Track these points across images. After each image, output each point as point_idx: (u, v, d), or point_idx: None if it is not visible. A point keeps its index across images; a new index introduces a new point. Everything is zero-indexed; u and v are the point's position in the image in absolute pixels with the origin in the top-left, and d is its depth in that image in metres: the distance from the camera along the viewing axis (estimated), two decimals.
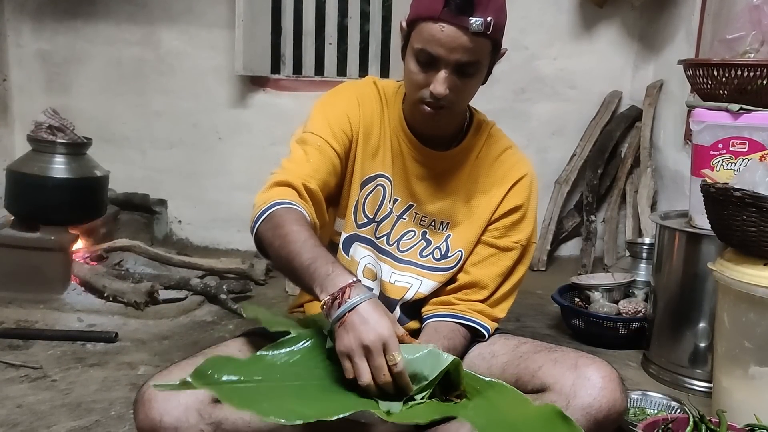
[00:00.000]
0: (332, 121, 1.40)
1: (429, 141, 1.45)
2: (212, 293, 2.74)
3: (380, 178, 1.45)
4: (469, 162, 1.47)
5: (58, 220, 2.72)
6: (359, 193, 1.44)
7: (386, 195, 1.45)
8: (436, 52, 1.25)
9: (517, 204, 1.46)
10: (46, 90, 3.60)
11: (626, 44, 3.56)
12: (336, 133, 1.39)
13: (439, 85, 1.27)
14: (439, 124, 1.39)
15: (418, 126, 1.43)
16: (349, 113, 1.42)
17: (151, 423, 1.15)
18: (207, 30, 3.50)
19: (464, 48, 1.24)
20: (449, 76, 1.27)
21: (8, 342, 2.28)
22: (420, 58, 1.28)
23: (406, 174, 1.45)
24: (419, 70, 1.30)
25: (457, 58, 1.25)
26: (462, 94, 1.33)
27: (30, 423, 1.78)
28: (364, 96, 1.45)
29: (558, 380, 1.23)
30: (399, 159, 1.45)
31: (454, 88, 1.29)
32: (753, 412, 1.64)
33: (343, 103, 1.43)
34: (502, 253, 1.46)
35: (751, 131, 2.00)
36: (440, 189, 1.46)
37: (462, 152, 1.47)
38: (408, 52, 1.32)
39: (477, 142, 1.48)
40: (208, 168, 3.62)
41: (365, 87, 1.48)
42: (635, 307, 2.48)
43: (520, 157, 1.51)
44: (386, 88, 1.48)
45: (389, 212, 1.45)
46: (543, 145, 3.61)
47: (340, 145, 1.39)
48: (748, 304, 1.71)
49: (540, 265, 3.48)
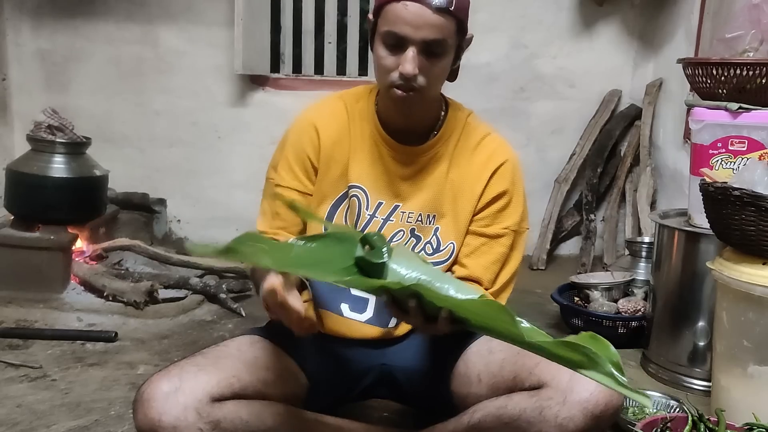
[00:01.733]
0: (294, 163, 1.47)
1: (406, 137, 1.45)
2: (212, 292, 2.74)
3: (352, 190, 1.46)
4: (448, 151, 1.47)
5: (57, 219, 2.72)
6: (334, 217, 1.47)
7: (362, 204, 1.46)
8: (402, 32, 1.27)
9: (502, 190, 1.46)
10: (46, 89, 3.60)
11: (626, 43, 3.56)
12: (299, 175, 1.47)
13: (408, 65, 1.28)
14: (412, 110, 1.39)
15: (393, 117, 1.44)
16: (307, 150, 1.47)
17: (150, 422, 1.16)
18: (206, 28, 3.50)
19: (429, 25, 1.27)
20: (417, 56, 1.29)
21: (8, 341, 2.28)
22: (387, 41, 1.30)
23: (389, 176, 1.46)
24: (387, 53, 1.31)
25: (423, 35, 1.27)
26: (430, 75, 1.33)
27: (29, 422, 1.78)
28: (323, 119, 1.48)
29: (555, 376, 1.24)
30: (379, 163, 1.46)
31: (422, 68, 1.30)
32: (752, 410, 1.64)
33: (300, 141, 1.47)
34: (493, 241, 1.46)
35: (750, 130, 2.00)
36: (423, 183, 1.46)
37: (439, 142, 1.47)
38: (376, 40, 1.34)
39: (454, 132, 1.48)
40: (207, 167, 3.62)
41: (326, 108, 1.50)
42: (634, 306, 2.49)
43: (500, 142, 1.50)
44: (355, 98, 1.50)
45: (369, 219, 1.46)
46: (542, 144, 3.61)
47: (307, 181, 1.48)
48: (747, 303, 1.71)
49: (539, 264, 3.48)
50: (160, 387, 1.18)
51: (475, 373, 1.39)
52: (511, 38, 3.49)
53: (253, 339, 1.41)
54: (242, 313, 2.64)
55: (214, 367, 1.26)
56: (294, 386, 1.41)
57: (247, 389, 1.27)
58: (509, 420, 1.25)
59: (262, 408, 1.29)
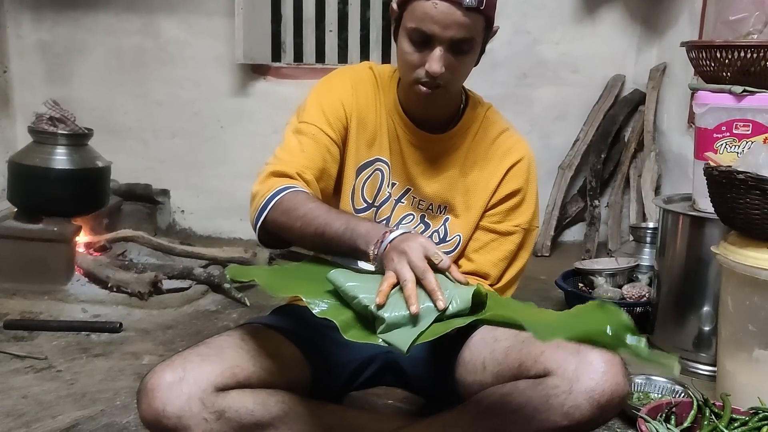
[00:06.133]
0: (326, 108, 1.40)
1: (425, 124, 1.44)
2: (216, 282, 2.74)
3: (378, 163, 1.45)
4: (465, 144, 1.46)
5: (60, 211, 2.72)
6: (356, 179, 1.44)
7: (384, 179, 1.45)
8: (430, 30, 1.25)
9: (516, 188, 1.45)
10: (47, 81, 3.59)
11: (629, 27, 3.53)
12: (331, 120, 1.39)
13: (434, 64, 1.27)
14: (435, 104, 1.39)
15: (413, 109, 1.43)
16: (343, 100, 1.42)
17: (154, 413, 1.16)
18: (207, 18, 3.49)
19: (458, 24, 1.24)
20: (444, 54, 1.27)
21: (13, 333, 2.29)
22: (414, 38, 1.28)
23: (403, 158, 1.45)
24: (413, 50, 1.29)
25: (452, 34, 1.25)
26: (457, 73, 1.32)
27: (35, 413, 1.79)
28: (359, 81, 1.45)
29: (561, 365, 1.23)
30: (396, 143, 1.45)
31: (449, 66, 1.29)
32: (757, 395, 1.64)
33: (337, 89, 1.43)
34: (503, 238, 1.46)
35: (755, 113, 1.99)
36: (437, 172, 1.46)
37: (458, 134, 1.46)
38: (401, 33, 1.32)
39: (473, 124, 1.47)
40: (210, 157, 3.62)
41: (361, 72, 1.48)
42: (639, 292, 2.48)
43: (517, 139, 1.50)
44: (382, 73, 1.48)
45: (388, 196, 1.45)
46: (546, 131, 3.59)
47: (335, 132, 1.40)
48: (752, 287, 1.70)
49: (544, 250, 3.47)
50: (164, 377, 1.18)
51: (480, 360, 1.39)
52: (513, 24, 3.46)
53: (257, 328, 1.40)
54: (247, 303, 2.65)
55: (217, 357, 1.25)
56: (298, 375, 1.41)
57: (251, 378, 1.27)
58: (515, 408, 1.25)
59: (266, 397, 1.28)
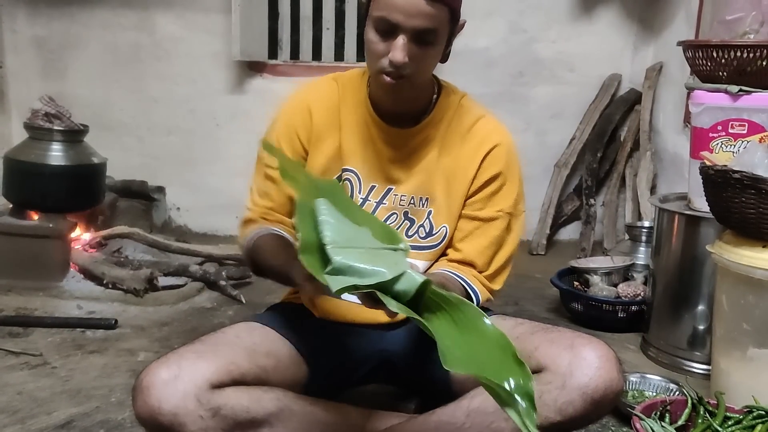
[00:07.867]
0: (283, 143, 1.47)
1: (397, 120, 1.44)
2: (211, 280, 2.74)
3: (345, 173, 1.45)
4: (440, 133, 1.46)
5: (56, 207, 2.72)
6: None
7: (354, 188, 1.45)
8: (395, 19, 1.26)
9: (494, 173, 1.45)
10: (42, 76, 3.58)
11: (626, 26, 3.54)
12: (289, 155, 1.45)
13: (398, 53, 1.27)
14: (402, 96, 1.39)
15: (383, 103, 1.43)
16: (297, 128, 1.46)
17: (149, 410, 1.15)
18: (203, 14, 3.48)
19: (422, 14, 1.25)
20: (408, 44, 1.27)
21: (8, 329, 2.28)
22: (379, 27, 1.29)
23: (380, 159, 1.45)
24: (379, 39, 1.30)
25: (415, 24, 1.26)
26: (421, 64, 1.32)
27: (30, 410, 1.78)
28: (317, 99, 1.48)
29: (554, 360, 1.23)
30: (370, 146, 1.45)
31: (413, 56, 1.29)
32: (751, 393, 1.65)
33: (291, 121, 1.48)
34: (487, 224, 1.45)
35: (751, 113, 1.99)
36: (414, 165, 1.46)
37: (431, 125, 1.45)
38: (367, 24, 1.33)
39: (446, 114, 1.46)
40: (206, 154, 3.61)
41: (320, 88, 1.50)
42: (634, 291, 2.49)
43: (494, 125, 1.48)
44: (352, 78, 1.49)
45: (362, 202, 1.45)
46: (542, 129, 3.59)
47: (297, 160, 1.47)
48: (747, 286, 1.71)
49: (539, 248, 3.47)
50: (159, 374, 1.17)
51: None
52: (509, 22, 3.46)
53: (252, 326, 1.40)
54: (242, 300, 2.65)
55: (213, 354, 1.25)
56: (294, 372, 1.41)
57: (246, 376, 1.27)
58: None
59: (262, 394, 1.28)
